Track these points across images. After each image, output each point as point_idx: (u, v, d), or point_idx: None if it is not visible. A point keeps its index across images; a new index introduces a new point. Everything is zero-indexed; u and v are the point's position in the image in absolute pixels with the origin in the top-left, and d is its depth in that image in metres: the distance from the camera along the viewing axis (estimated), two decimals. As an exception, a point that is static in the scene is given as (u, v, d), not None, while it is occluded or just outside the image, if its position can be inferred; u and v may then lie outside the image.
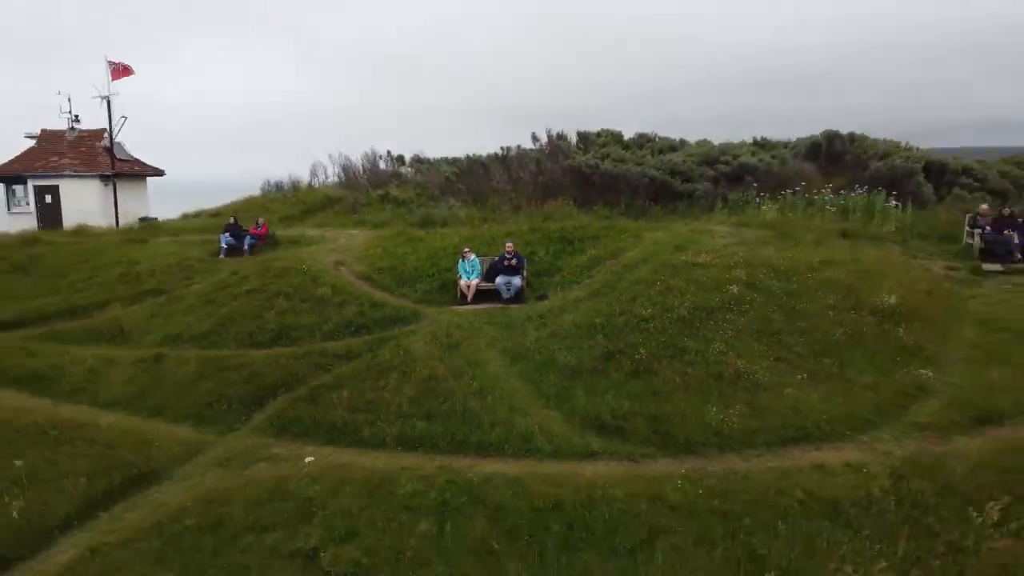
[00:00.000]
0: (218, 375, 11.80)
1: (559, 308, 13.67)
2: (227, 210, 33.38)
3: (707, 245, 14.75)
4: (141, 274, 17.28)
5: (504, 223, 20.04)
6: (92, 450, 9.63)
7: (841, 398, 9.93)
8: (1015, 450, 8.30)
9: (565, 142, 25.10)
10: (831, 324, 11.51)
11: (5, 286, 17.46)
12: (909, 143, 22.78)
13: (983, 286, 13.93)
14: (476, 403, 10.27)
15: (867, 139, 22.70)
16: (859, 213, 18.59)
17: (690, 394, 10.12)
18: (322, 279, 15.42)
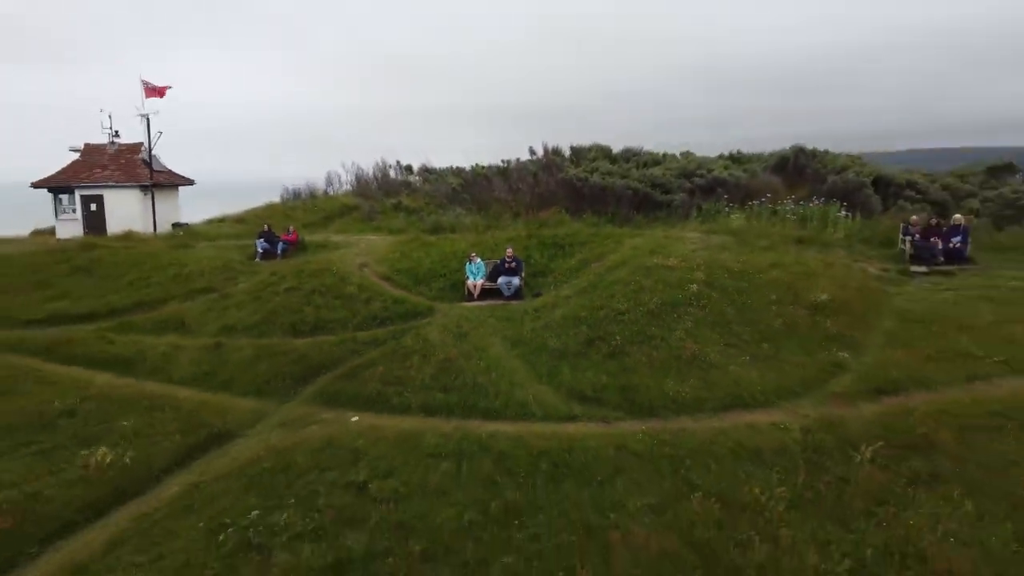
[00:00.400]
0: (271, 358, 14.00)
1: (551, 304, 15.85)
2: (250, 216, 35.60)
3: (677, 250, 16.94)
4: (191, 275, 19.45)
5: (505, 230, 22.21)
6: (178, 415, 11.82)
7: (774, 374, 12.12)
8: (897, 412, 10.49)
9: (560, 156, 27.26)
10: (772, 316, 13.70)
11: (71, 285, 19.64)
12: (863, 158, 24.93)
13: (909, 285, 16.09)
14: (483, 379, 12.45)
15: (828, 154, 24.85)
16: (815, 221, 20.76)
17: (654, 371, 12.30)
18: (350, 279, 17.60)
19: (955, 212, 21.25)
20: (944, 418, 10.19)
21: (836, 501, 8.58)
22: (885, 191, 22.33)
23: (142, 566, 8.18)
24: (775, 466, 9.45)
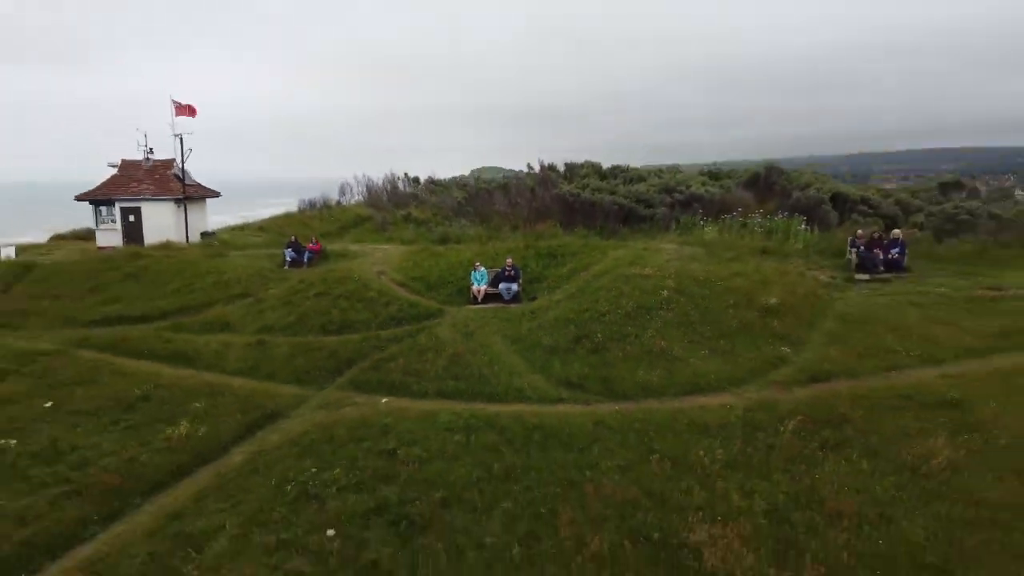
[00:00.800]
0: (306, 354, 16.18)
1: (545, 307, 18.02)
2: (270, 224, 37.82)
3: (653, 261, 19.14)
4: (229, 281, 21.62)
5: (505, 241, 24.41)
6: (236, 399, 14.00)
7: (727, 366, 14.31)
8: (822, 395, 12.69)
9: (555, 172, 29.46)
10: (729, 318, 15.90)
11: (123, 291, 21.82)
12: (827, 174, 27.10)
13: (851, 291, 18.28)
14: (487, 370, 14.64)
15: (794, 172, 27.04)
16: (779, 234, 22.94)
17: (628, 363, 14.49)
18: (370, 285, 19.78)
19: (904, 226, 23.46)
20: (859, 400, 12.39)
21: (762, 462, 10.78)
22: (842, 206, 24.52)
23: (224, 511, 10.37)
24: (718, 436, 11.64)
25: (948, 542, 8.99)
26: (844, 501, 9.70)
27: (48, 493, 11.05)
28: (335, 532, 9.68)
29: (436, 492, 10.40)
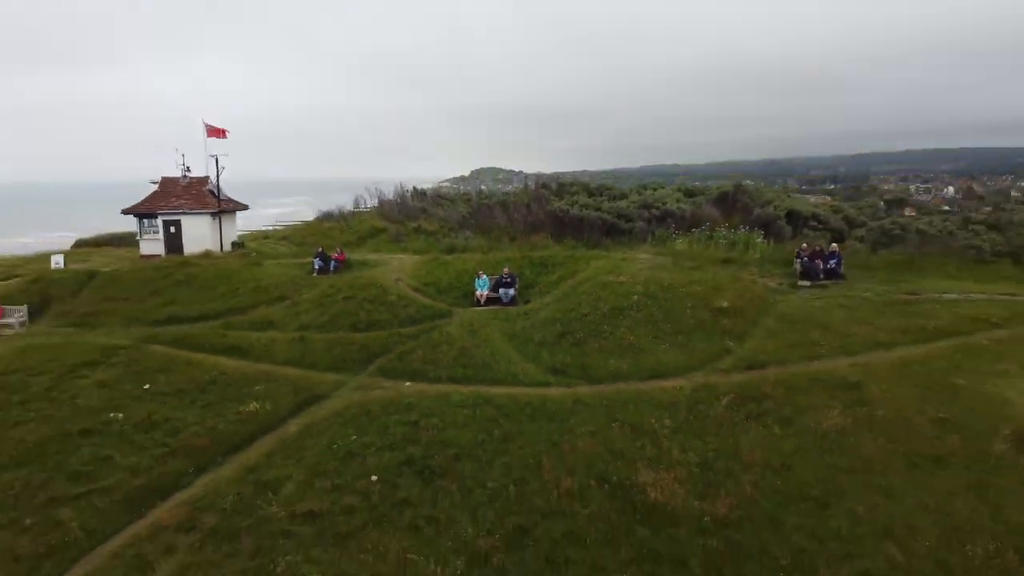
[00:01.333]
0: (341, 347, 19.03)
1: (536, 309, 20.87)
2: (294, 233, 40.65)
3: (628, 269, 22.00)
4: (268, 287, 24.46)
5: (504, 251, 27.25)
6: (288, 383, 16.86)
7: (683, 356, 17.16)
8: (753, 379, 15.55)
9: (547, 190, 32.32)
10: (687, 317, 18.76)
11: (177, 295, 24.65)
12: (789, 192, 29.94)
13: (793, 295, 21.10)
14: (488, 360, 17.49)
15: (757, 190, 29.87)
16: (740, 245, 25.78)
17: (603, 355, 17.35)
18: (390, 290, 22.63)
19: (848, 238, 26.31)
20: (780, 382, 15.26)
21: (699, 428, 13.65)
22: (796, 221, 27.36)
23: (289, 465, 13.24)
24: (668, 409, 14.50)
25: (830, 483, 11.89)
26: (754, 454, 12.59)
27: (151, 453, 13.94)
28: (377, 478, 12.58)
29: (450, 450, 13.28)
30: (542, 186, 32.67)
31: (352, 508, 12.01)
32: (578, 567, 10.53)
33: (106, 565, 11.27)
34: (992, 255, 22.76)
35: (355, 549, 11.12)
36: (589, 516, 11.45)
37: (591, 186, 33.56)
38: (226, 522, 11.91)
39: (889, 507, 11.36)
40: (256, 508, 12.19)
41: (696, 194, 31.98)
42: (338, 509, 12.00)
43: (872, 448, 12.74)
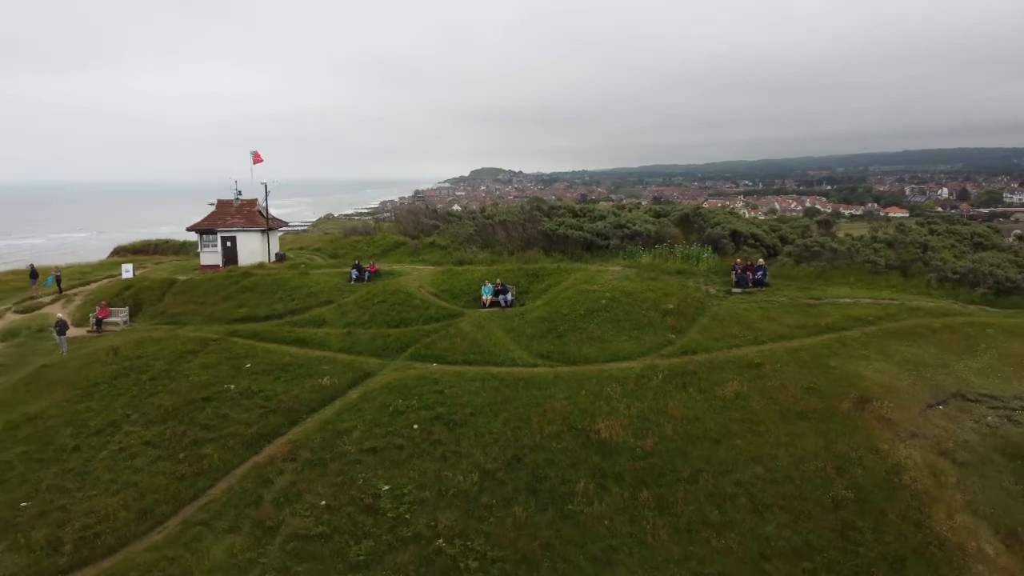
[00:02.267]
0: (380, 339, 23.76)
1: (529, 311, 25.60)
2: (326, 245, 45.21)
3: (600, 280, 26.76)
4: (317, 292, 29.17)
5: (504, 263, 31.99)
6: (345, 365, 21.60)
7: (637, 346, 21.89)
8: (684, 361, 20.31)
9: (540, 212, 37.07)
10: (642, 316, 23.52)
11: (245, 299, 29.33)
12: (739, 214, 34.67)
13: (727, 300, 25.81)
14: (493, 348, 22.23)
15: (710, 212, 34.61)
16: (692, 259, 30.52)
17: (578, 344, 22.11)
18: (414, 296, 27.35)
19: (781, 254, 31.05)
20: (703, 363, 19.99)
21: (641, 394, 18.40)
22: (739, 239, 32.10)
23: (354, 419, 18.00)
24: (621, 382, 19.22)
25: (724, 428, 16.68)
26: (677, 410, 17.38)
27: (256, 411, 18.74)
28: (417, 427, 17.39)
29: (466, 409, 18.06)
30: (536, 208, 37.43)
31: (401, 446, 16.82)
32: (552, 480, 15.36)
33: (239, 481, 16.09)
34: (885, 268, 27.50)
35: (406, 470, 15.95)
36: (561, 449, 16.26)
37: (576, 208, 38.30)
38: (316, 455, 16.73)
39: (761, 443, 16.17)
40: (335, 446, 17.00)
41: (662, 215, 36.69)
42: (392, 446, 16.82)
43: (758, 406, 17.54)
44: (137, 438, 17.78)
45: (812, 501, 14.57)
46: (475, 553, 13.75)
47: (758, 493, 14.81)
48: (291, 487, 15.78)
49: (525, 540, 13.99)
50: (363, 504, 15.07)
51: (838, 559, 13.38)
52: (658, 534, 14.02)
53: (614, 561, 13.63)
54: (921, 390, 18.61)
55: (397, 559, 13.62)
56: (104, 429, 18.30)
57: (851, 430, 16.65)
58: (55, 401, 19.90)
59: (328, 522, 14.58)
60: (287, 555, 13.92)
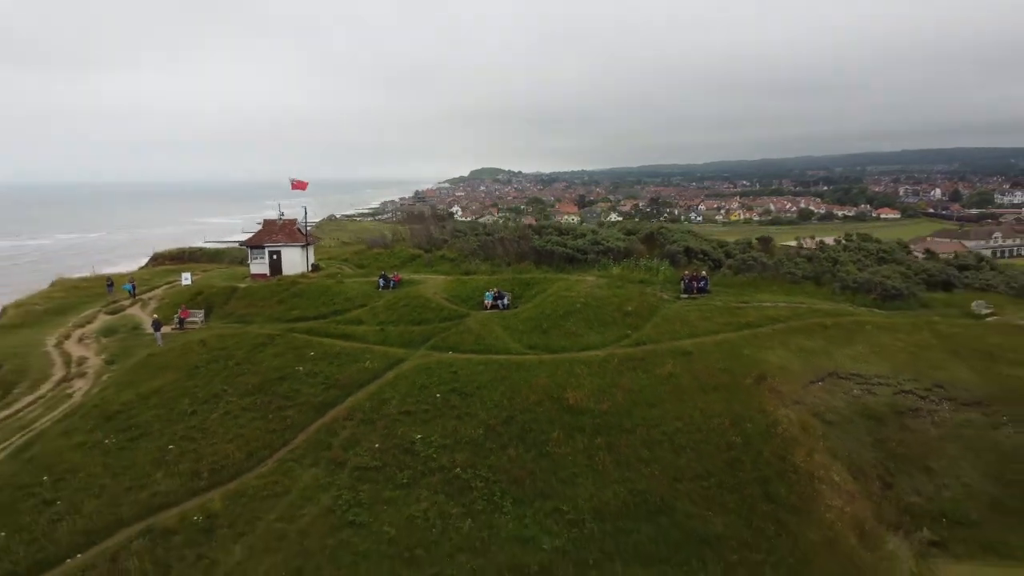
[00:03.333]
0: (406, 334, 29.05)
1: (521, 312, 30.86)
2: (352, 256, 50.40)
3: (577, 288, 32.08)
4: (353, 297, 34.42)
5: (502, 274, 37.30)
6: (381, 354, 26.86)
7: (602, 339, 27.20)
8: (636, 351, 25.64)
9: (531, 229, 42.41)
10: (608, 317, 28.86)
11: (296, 303, 34.55)
12: (694, 232, 40.06)
13: (676, 304, 31.11)
14: (493, 341, 27.53)
15: (670, 231, 39.98)
16: (653, 271, 35.85)
17: (558, 338, 27.42)
18: (431, 300, 32.63)
19: (723, 267, 36.39)
20: (648, 352, 25.34)
21: (602, 372, 23.71)
22: (690, 254, 37.45)
23: (392, 391, 23.33)
24: (588, 365, 24.56)
25: (658, 397, 22.04)
26: (627, 383, 22.74)
27: (319, 387, 24.06)
28: (439, 395, 22.77)
29: (474, 384, 23.40)
30: (528, 227, 42.78)
31: (427, 409, 22.17)
32: (535, 432, 20.73)
33: (313, 434, 21.46)
34: (802, 278, 32.87)
35: (432, 426, 21.31)
36: (541, 412, 21.63)
37: (561, 227, 43.66)
38: (367, 416, 22.09)
39: (682, 407, 21.54)
40: (380, 410, 22.36)
41: (632, 232, 42.04)
42: (421, 410, 22.17)
43: (684, 382, 22.90)
44: (236, 405, 23.11)
45: (712, 444, 19.98)
46: (481, 478, 19.13)
47: (676, 439, 20.22)
48: (351, 437, 21.14)
49: (515, 470, 19.37)
50: (403, 447, 20.44)
51: (725, 480, 18.79)
52: (606, 466, 19.40)
53: (576, 483, 19.01)
54: (806, 370, 24.05)
55: (428, 481, 19.00)
56: (210, 399, 23.63)
57: (748, 398, 22.06)
58: (168, 380, 25.21)
59: (380, 458, 19.94)
60: (353, 479, 19.28)
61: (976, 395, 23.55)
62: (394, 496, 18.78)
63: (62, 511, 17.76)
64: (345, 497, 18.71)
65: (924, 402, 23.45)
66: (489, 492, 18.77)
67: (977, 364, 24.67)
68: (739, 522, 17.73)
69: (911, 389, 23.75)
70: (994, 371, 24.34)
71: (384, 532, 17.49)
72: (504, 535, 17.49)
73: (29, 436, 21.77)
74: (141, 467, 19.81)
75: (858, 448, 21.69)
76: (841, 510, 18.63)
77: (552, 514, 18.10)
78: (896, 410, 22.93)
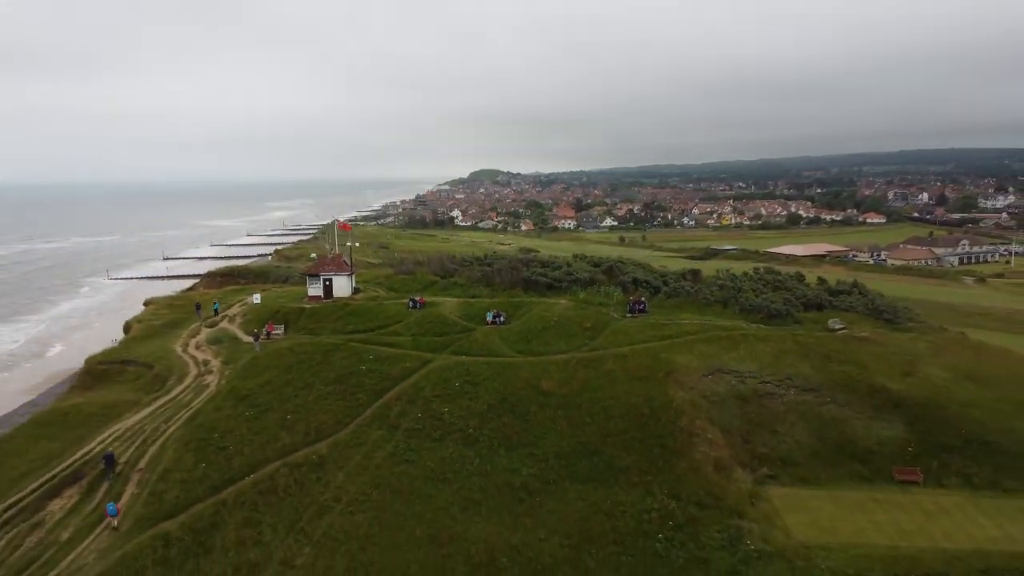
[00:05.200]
0: (432, 343, 37.85)
1: (512, 327, 39.76)
2: (384, 280, 59.17)
3: (552, 309, 40.98)
4: (391, 315, 43.19)
5: (498, 298, 46.24)
6: (416, 356, 35.69)
7: (567, 346, 36.03)
8: (589, 355, 34.67)
9: (522, 263, 51.41)
10: (573, 331, 37.72)
11: (349, 320, 43.30)
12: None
13: (622, 321, 40.01)
14: (493, 347, 36.35)
15: (624, 264, 48.95)
16: (610, 296, 44.77)
17: (538, 345, 36.26)
18: (448, 318, 41.47)
19: (660, 294, 45.38)
20: (597, 355, 34.30)
21: (565, 368, 32.66)
22: (637, 283, 46.39)
23: (424, 381, 32.29)
24: (557, 364, 33.45)
25: (600, 383, 31.05)
26: (581, 376, 31.69)
27: (376, 379, 32.95)
28: (458, 384, 31.76)
29: (479, 377, 32.33)
30: (519, 260, 51.83)
31: (450, 393, 31.09)
32: (519, 407, 29.68)
33: (376, 409, 30.38)
34: (714, 301, 41.86)
35: (453, 404, 30.25)
36: (524, 395, 30.58)
37: (544, 260, 52.70)
38: (409, 398, 31.02)
39: (615, 390, 30.51)
40: (418, 394, 31.28)
41: (597, 265, 51.05)
42: (445, 394, 31.09)
43: (619, 375, 31.81)
44: (323, 391, 31.96)
45: (630, 414, 28.94)
46: (485, 435, 28.05)
47: (608, 411, 29.16)
48: (401, 411, 30.01)
49: (506, 430, 28.30)
50: (435, 417, 29.35)
51: (636, 435, 27.74)
52: (563, 427, 28.35)
53: (544, 438, 27.93)
54: (701, 367, 33.01)
55: (452, 437, 27.93)
56: (305, 387, 32.47)
57: (658, 385, 31.01)
58: (272, 375, 34.03)
59: (420, 424, 28.85)
60: (404, 436, 28.16)
61: (812, 384, 32.56)
62: (431, 446, 27.67)
63: (232, 453, 26.64)
64: (400, 447, 27.61)
65: (777, 389, 32.42)
66: (490, 443, 27.67)
67: (817, 363, 33.69)
68: (641, 460, 26.68)
69: (769, 380, 32.74)
70: (828, 368, 33.38)
71: (427, 465, 26.40)
72: (499, 467, 26.40)
73: (191, 412, 30.61)
74: (271, 430, 28.70)
75: (728, 418, 30.65)
76: (707, 454, 27.59)
77: (529, 456, 27.03)
78: (758, 394, 31.89)
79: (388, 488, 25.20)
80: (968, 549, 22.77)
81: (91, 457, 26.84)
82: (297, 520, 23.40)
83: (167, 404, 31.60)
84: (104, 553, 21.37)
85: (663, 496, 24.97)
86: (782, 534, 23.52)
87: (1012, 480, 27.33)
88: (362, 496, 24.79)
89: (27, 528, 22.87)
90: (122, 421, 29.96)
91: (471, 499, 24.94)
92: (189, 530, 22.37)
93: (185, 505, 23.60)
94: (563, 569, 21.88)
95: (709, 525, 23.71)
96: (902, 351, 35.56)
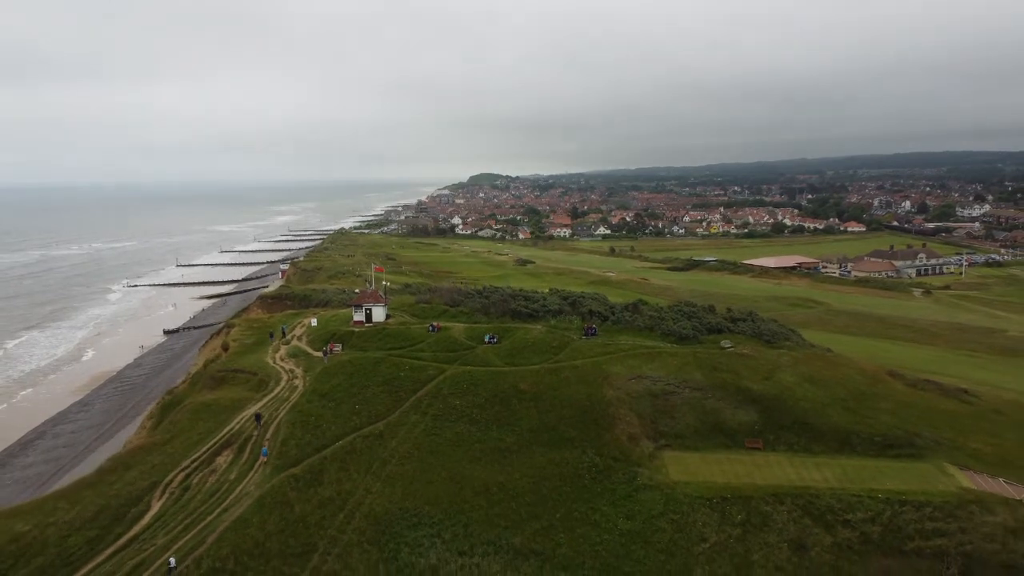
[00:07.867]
0: (447, 357, 48.91)
1: (503, 346, 50.88)
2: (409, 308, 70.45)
3: (530, 333, 52.09)
4: (416, 337, 54.24)
5: (494, 324, 57.51)
6: (435, 367, 47.08)
7: (541, 360, 47.34)
8: (556, 365, 45.98)
9: (512, 298, 62.81)
10: (544, 348, 48.82)
11: (387, 339, 54.45)
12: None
13: (579, 342, 51.13)
14: (489, 360, 47.49)
15: (584, 298, 60.40)
16: (572, 322, 56.02)
17: (520, 359, 47.47)
18: (457, 339, 52.46)
19: (608, 321, 56.80)
20: (561, 366, 45.59)
21: (541, 376, 44.00)
22: (592, 313, 57.72)
23: (443, 382, 43.52)
24: (532, 373, 44.73)
25: (559, 385, 42.44)
26: (547, 380, 43.00)
27: (411, 382, 44.17)
28: (464, 386, 43.06)
29: (480, 380, 43.56)
30: (508, 295, 63.38)
31: (459, 392, 42.31)
32: (506, 402, 41.03)
33: (413, 401, 41.66)
34: (644, 328, 53.25)
35: (462, 399, 41.51)
36: (510, 393, 41.88)
37: (527, 294, 64.18)
38: (432, 394, 42.26)
39: (569, 391, 41.77)
40: (439, 392, 42.49)
41: (566, 299, 62.49)
42: (457, 391, 42.31)
43: (573, 379, 43.08)
44: (376, 391, 42.99)
45: (577, 405, 40.22)
46: (484, 419, 39.24)
47: (564, 401, 40.44)
48: (429, 403, 41.11)
49: (497, 415, 39.52)
50: (450, 407, 40.53)
51: (580, 418, 39.03)
52: (532, 414, 39.62)
53: (521, 420, 39.18)
54: (628, 374, 44.35)
55: (462, 420, 39.14)
56: (364, 387, 43.49)
57: (598, 386, 42.33)
58: (341, 380, 45.06)
59: (442, 411, 40.00)
60: (432, 420, 39.32)
61: (701, 385, 43.95)
62: (449, 425, 38.83)
63: (324, 429, 37.67)
64: (430, 425, 38.75)
65: (677, 389, 43.72)
66: (487, 424, 38.86)
67: (707, 371, 45.13)
68: (582, 434, 37.92)
69: (672, 383, 44.10)
70: (713, 375, 44.82)
71: (446, 437, 37.55)
72: (492, 438, 37.58)
73: (290, 404, 41.62)
74: (346, 415, 39.77)
75: (642, 408, 41.93)
76: (624, 431, 38.88)
77: (511, 431, 38.24)
78: (664, 392, 43.21)
79: (424, 449, 36.29)
80: (773, 484, 34.05)
81: (235, 432, 37.84)
82: (370, 467, 34.45)
83: (273, 399, 42.67)
84: (259, 485, 32.34)
85: (593, 455, 36.18)
86: (663, 476, 34.75)
87: (818, 446, 38.68)
88: (407, 454, 35.90)
89: (207, 472, 33.78)
90: (247, 410, 41.00)
91: (474, 456, 36.06)
92: (307, 471, 33.38)
93: (301, 459, 34.60)
94: (528, 495, 33.01)
95: (619, 471, 34.92)
96: (767, 363, 47.07)
